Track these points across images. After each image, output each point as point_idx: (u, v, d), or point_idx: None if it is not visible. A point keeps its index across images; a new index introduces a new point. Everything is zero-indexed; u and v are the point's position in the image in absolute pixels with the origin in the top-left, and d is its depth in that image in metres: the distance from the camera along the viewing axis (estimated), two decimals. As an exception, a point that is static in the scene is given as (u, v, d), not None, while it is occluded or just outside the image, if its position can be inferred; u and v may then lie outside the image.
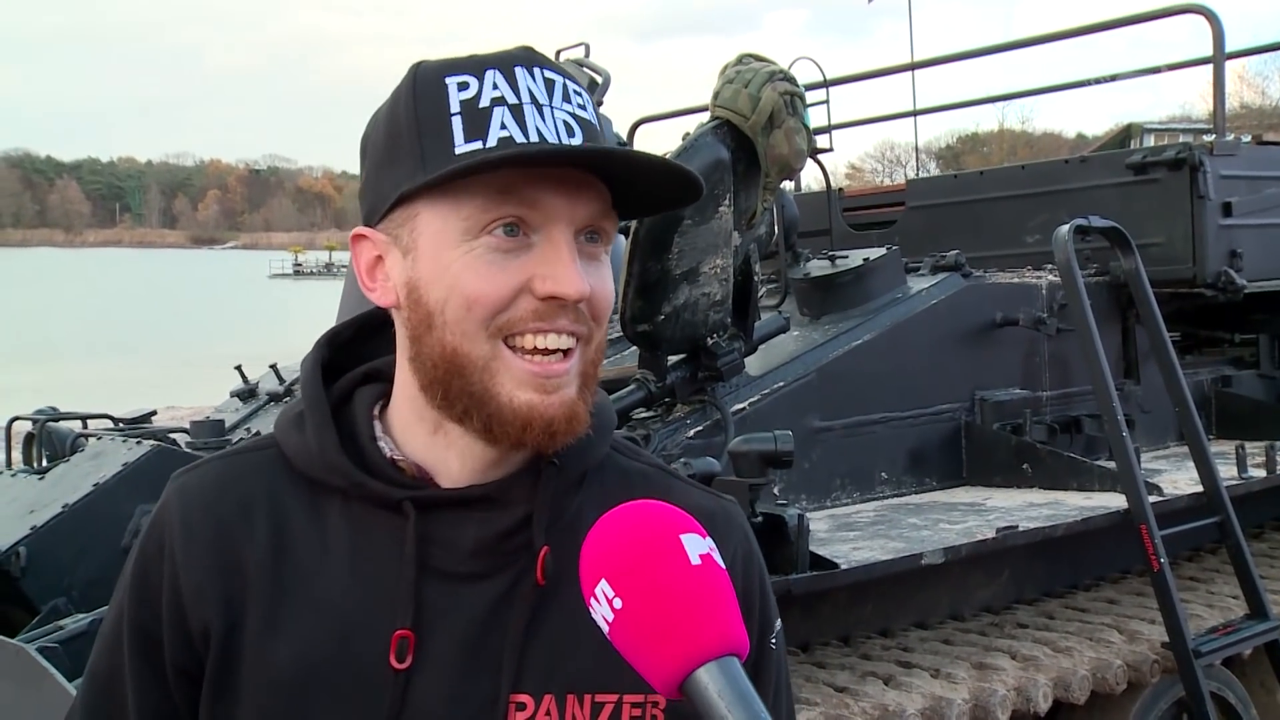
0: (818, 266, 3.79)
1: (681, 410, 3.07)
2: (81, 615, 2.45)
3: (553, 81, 1.04)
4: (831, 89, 4.23)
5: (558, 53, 3.82)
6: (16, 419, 3.33)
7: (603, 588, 0.91)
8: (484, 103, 1.02)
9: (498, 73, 1.03)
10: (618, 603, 0.90)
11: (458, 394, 1.04)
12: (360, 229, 1.10)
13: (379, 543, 1.08)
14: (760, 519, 2.53)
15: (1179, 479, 3.60)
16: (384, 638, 1.05)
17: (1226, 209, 4.39)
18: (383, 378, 1.14)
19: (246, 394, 3.64)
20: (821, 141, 3.89)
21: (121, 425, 3.43)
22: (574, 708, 1.06)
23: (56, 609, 2.60)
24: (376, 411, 1.12)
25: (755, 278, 3.20)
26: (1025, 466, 3.62)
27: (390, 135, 1.06)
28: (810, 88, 3.36)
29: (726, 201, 2.93)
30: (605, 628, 0.91)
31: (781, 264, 3.74)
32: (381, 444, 1.10)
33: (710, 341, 3.04)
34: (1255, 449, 3.87)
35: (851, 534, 2.98)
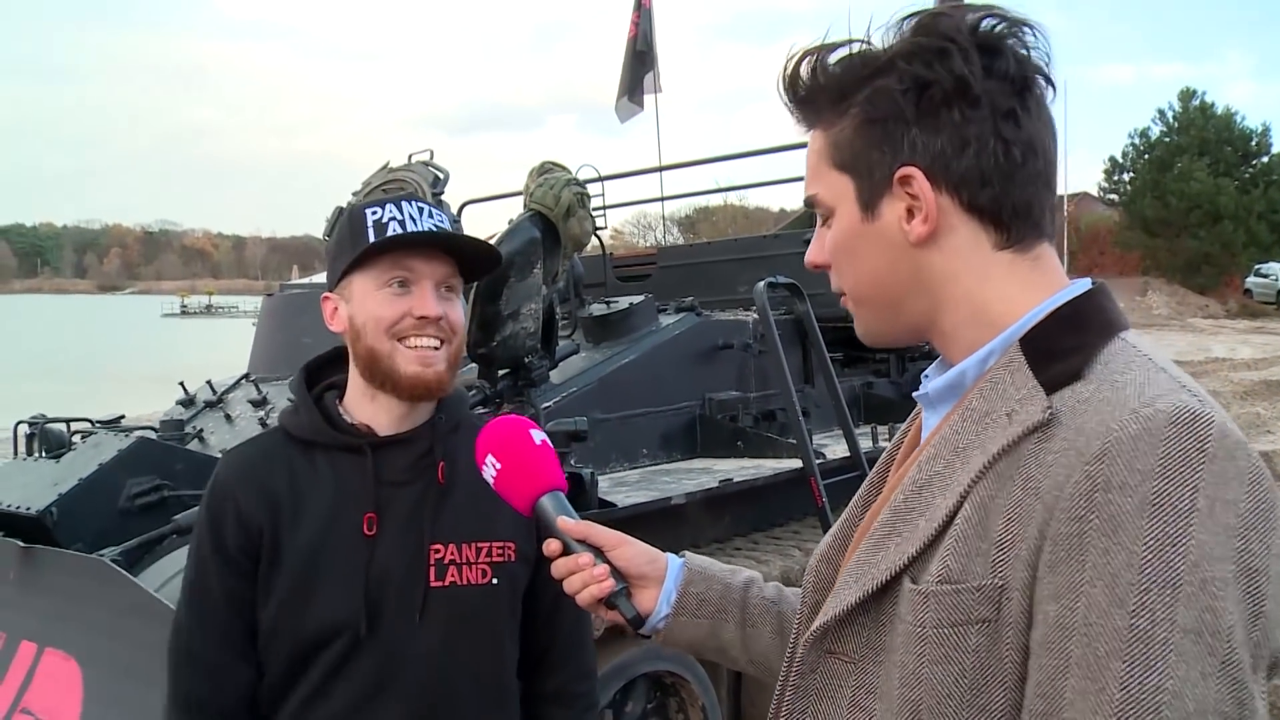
0: (597, 309, 4.34)
1: (508, 408, 3.47)
2: (109, 549, 2.83)
3: (422, 208, 1.48)
4: (605, 181, 4.72)
5: (410, 156, 4.14)
6: (20, 423, 3.66)
7: (490, 459, 1.22)
8: (385, 219, 1.45)
9: (393, 204, 1.46)
10: (499, 465, 1.21)
11: (375, 372, 1.48)
12: (326, 294, 1.54)
13: (350, 471, 1.48)
14: (566, 475, 3.18)
15: (838, 449, 4.15)
16: (359, 520, 1.44)
17: None
18: (337, 386, 1.58)
19: (187, 402, 4.11)
20: (598, 220, 4.29)
21: (98, 426, 3.75)
22: (467, 550, 1.48)
23: (80, 549, 2.91)
24: (338, 401, 1.56)
25: (556, 317, 3.71)
26: (739, 444, 4.18)
27: (338, 241, 1.52)
28: (590, 182, 3.94)
29: (538, 266, 3.44)
30: (492, 480, 1.21)
31: (573, 307, 4.37)
32: (345, 416, 1.53)
33: (527, 360, 3.51)
34: (885, 430, 4.53)
35: (624, 488, 3.55)
